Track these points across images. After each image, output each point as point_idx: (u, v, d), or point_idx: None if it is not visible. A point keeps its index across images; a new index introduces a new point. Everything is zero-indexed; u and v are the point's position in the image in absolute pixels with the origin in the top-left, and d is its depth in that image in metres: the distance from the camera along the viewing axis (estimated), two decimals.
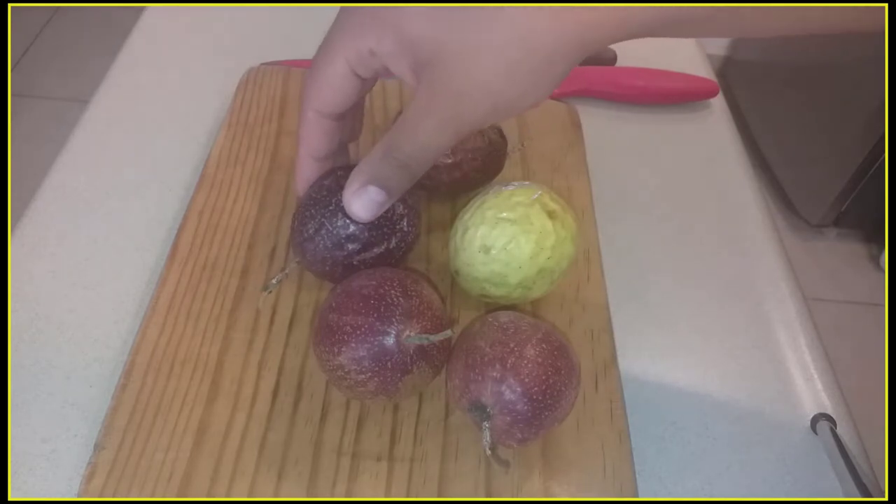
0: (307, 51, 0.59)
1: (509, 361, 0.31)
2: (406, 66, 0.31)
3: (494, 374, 0.31)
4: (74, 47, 1.92)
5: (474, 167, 0.43)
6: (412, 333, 0.32)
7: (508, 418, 0.31)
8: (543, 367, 0.31)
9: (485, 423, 0.31)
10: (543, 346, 0.32)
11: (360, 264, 0.37)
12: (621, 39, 0.29)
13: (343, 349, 0.32)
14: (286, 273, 0.38)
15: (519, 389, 0.31)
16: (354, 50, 0.31)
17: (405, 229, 0.38)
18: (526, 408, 0.31)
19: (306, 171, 0.37)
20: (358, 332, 0.32)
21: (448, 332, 0.32)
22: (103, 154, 0.51)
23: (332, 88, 0.33)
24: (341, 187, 0.37)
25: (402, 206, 0.37)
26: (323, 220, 0.36)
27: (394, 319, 0.32)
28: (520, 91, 0.29)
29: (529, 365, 0.31)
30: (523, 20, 0.28)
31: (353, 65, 0.32)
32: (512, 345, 0.31)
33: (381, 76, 0.34)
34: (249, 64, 0.55)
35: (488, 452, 0.31)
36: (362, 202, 0.33)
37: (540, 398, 0.31)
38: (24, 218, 0.46)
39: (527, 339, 0.32)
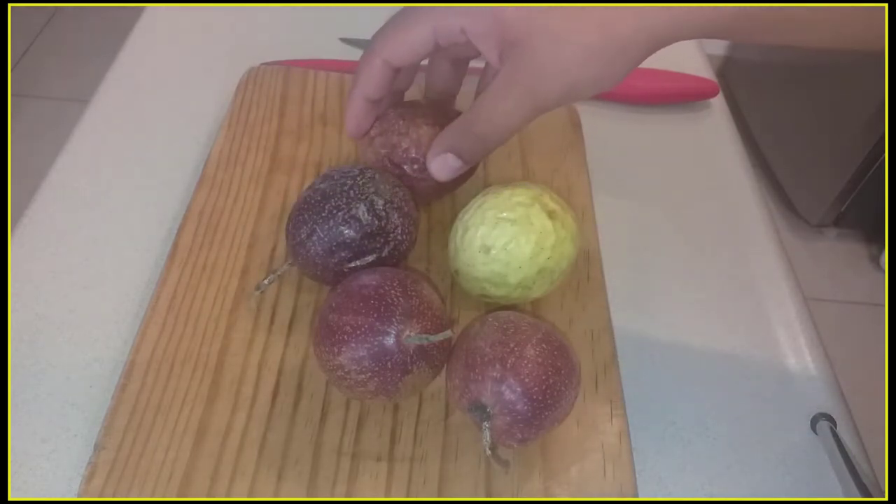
0: (307, 51, 0.60)
1: (509, 361, 0.31)
2: (493, 46, 0.34)
3: (494, 374, 0.31)
4: (74, 47, 1.92)
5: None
6: (412, 333, 0.32)
7: (508, 418, 0.31)
8: (543, 367, 0.31)
9: (485, 423, 0.31)
10: (543, 346, 0.32)
11: (352, 272, 0.37)
12: (693, 38, 0.32)
13: (343, 349, 0.32)
14: (278, 274, 0.38)
15: (519, 389, 0.31)
16: (445, 24, 0.34)
17: (399, 238, 0.38)
18: (526, 408, 0.31)
19: (356, 109, 0.40)
20: (358, 332, 0.32)
21: (448, 333, 0.32)
22: (103, 154, 0.51)
23: (408, 47, 0.36)
24: (335, 193, 0.37)
25: (396, 215, 0.37)
26: (315, 225, 0.36)
27: (394, 319, 0.32)
28: (595, 74, 0.32)
29: (529, 365, 0.31)
30: (606, 11, 0.31)
31: (438, 34, 0.35)
32: (512, 345, 0.31)
33: (454, 52, 0.39)
34: (249, 64, 0.55)
35: (488, 452, 0.31)
36: (439, 165, 0.37)
37: (540, 398, 0.31)
38: (24, 218, 0.46)
39: (527, 339, 0.32)
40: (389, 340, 0.31)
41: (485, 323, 0.34)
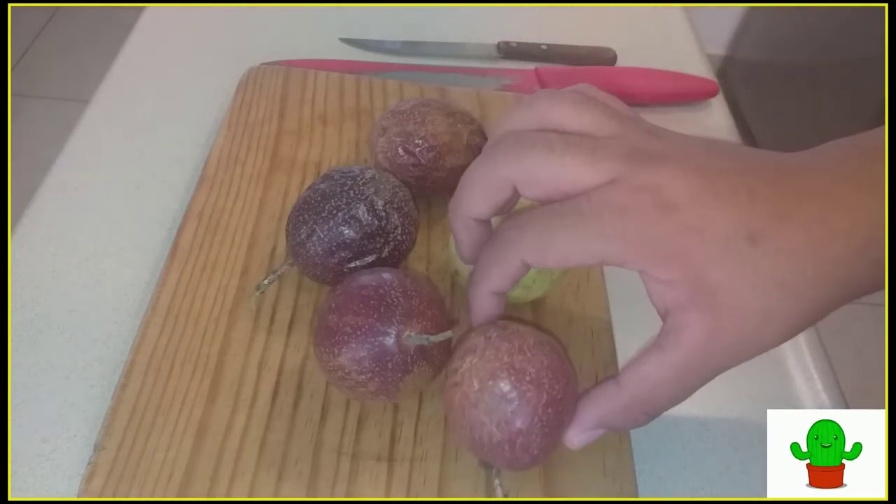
0: (307, 51, 0.60)
1: (518, 441, 0.30)
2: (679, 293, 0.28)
3: (505, 454, 0.30)
4: (74, 47, 1.92)
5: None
6: (412, 333, 0.32)
7: (517, 473, 0.31)
8: (552, 437, 0.30)
9: (496, 480, 0.31)
10: (549, 410, 0.30)
11: (352, 272, 0.37)
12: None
13: (343, 350, 0.32)
14: (278, 274, 0.38)
15: (527, 460, 0.30)
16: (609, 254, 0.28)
17: (399, 237, 0.37)
18: (533, 463, 0.31)
19: (487, 307, 0.32)
20: (358, 332, 0.32)
21: (449, 334, 0.32)
22: (103, 154, 0.51)
23: (557, 258, 0.29)
24: (335, 193, 0.37)
25: (396, 215, 0.37)
26: (315, 226, 0.36)
27: (394, 320, 0.32)
28: (786, 333, 0.30)
29: (538, 439, 0.30)
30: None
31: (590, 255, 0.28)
32: (518, 423, 0.30)
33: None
34: (249, 64, 0.55)
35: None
36: (583, 439, 0.31)
37: (545, 456, 0.31)
38: (24, 218, 0.46)
39: (533, 410, 0.30)
40: (389, 341, 0.31)
41: (484, 390, 0.30)
